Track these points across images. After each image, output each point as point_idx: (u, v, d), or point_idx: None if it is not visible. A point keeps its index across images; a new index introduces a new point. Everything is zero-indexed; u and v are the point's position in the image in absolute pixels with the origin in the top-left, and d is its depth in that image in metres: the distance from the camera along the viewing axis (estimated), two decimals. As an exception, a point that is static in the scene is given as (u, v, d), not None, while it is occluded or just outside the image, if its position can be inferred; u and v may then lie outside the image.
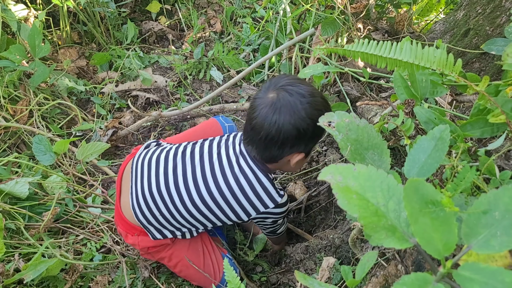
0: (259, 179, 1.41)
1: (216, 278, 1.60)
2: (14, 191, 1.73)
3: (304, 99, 1.27)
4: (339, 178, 0.69)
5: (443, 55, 1.02)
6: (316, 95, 1.31)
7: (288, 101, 1.26)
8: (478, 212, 0.61)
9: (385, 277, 1.05)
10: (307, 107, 1.26)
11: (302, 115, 1.25)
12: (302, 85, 1.31)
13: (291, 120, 1.24)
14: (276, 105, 1.26)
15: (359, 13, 2.16)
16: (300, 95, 1.27)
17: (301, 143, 1.31)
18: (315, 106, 1.28)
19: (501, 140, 1.00)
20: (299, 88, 1.29)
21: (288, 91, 1.28)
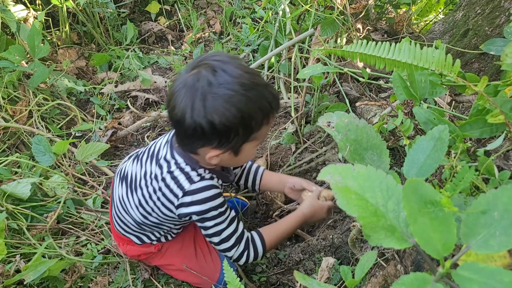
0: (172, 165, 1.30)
1: (214, 278, 1.59)
2: (16, 192, 1.73)
3: (217, 89, 1.08)
4: (338, 178, 0.69)
5: (442, 55, 1.02)
6: (235, 87, 1.09)
7: (197, 85, 1.09)
8: (477, 212, 0.61)
9: (385, 277, 1.06)
10: (214, 99, 1.07)
11: (204, 108, 1.08)
12: (228, 69, 1.10)
13: (190, 111, 1.09)
14: (185, 86, 1.10)
15: (359, 13, 2.17)
16: (216, 83, 1.08)
17: (209, 140, 1.15)
18: (228, 100, 1.08)
19: (500, 140, 1.00)
20: (224, 73, 1.09)
21: (208, 72, 1.09)
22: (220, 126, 1.09)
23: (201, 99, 1.07)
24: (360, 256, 1.00)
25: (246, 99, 1.09)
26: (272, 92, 1.18)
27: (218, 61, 1.11)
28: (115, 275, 1.67)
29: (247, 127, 1.15)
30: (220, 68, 1.10)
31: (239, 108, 1.09)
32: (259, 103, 1.13)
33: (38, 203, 1.82)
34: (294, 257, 1.75)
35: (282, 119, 2.37)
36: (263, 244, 1.46)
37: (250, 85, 1.11)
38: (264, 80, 1.20)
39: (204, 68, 1.10)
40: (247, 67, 1.15)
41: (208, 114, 1.08)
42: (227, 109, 1.07)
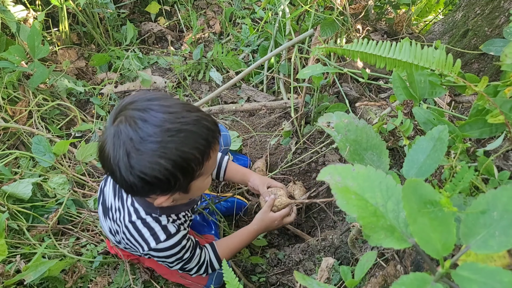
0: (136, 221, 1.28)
1: (204, 278, 1.60)
2: (17, 193, 1.73)
3: (139, 144, 0.99)
4: (338, 178, 0.69)
5: (442, 55, 1.02)
6: (159, 139, 1.00)
7: (119, 141, 1.01)
8: (477, 212, 0.61)
9: (384, 277, 1.06)
10: (139, 155, 1.00)
11: (130, 166, 1.01)
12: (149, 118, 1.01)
13: (119, 170, 1.02)
14: (110, 141, 1.03)
15: (358, 14, 2.17)
16: (137, 138, 1.00)
17: (149, 191, 1.11)
18: (153, 154, 1.00)
19: (499, 140, 1.00)
20: (145, 123, 1.00)
21: (127, 125, 1.01)
22: (154, 180, 1.03)
23: (126, 156, 1.00)
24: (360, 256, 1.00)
25: (175, 147, 1.02)
26: (206, 124, 1.09)
27: (137, 109, 1.02)
28: (115, 276, 1.67)
29: (187, 171, 1.08)
30: (139, 118, 1.01)
31: (169, 158, 1.01)
32: (193, 144, 1.05)
33: (39, 203, 1.82)
34: (294, 258, 1.75)
35: (282, 119, 2.37)
36: (218, 260, 1.52)
37: (177, 129, 1.02)
38: (195, 113, 1.08)
39: (123, 121, 1.02)
40: (172, 104, 1.05)
41: (136, 171, 1.01)
42: (155, 163, 1.00)
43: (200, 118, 1.08)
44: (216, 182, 2.21)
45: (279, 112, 2.38)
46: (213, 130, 1.11)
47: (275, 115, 2.38)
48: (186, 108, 1.07)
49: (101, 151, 1.06)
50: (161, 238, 1.27)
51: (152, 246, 1.27)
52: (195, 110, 1.09)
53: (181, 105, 1.07)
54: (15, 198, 1.75)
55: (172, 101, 1.07)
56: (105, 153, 1.04)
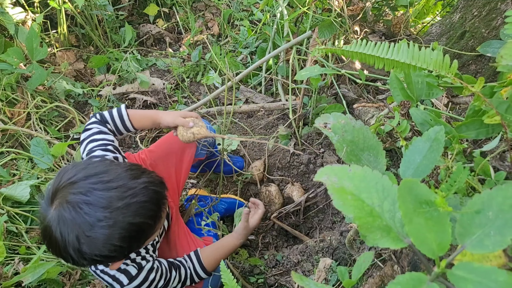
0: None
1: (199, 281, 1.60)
2: (15, 195, 1.73)
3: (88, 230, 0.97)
4: (334, 179, 0.69)
5: (440, 56, 1.02)
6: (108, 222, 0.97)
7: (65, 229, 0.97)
8: (472, 212, 0.62)
9: (381, 277, 1.06)
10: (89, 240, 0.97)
11: (81, 255, 0.99)
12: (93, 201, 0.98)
13: (71, 258, 1.00)
14: (54, 228, 0.99)
15: (356, 15, 2.17)
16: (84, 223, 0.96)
17: (104, 262, 1.13)
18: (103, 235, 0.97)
19: (496, 141, 1.00)
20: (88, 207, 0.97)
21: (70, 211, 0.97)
22: (109, 258, 1.02)
23: (76, 243, 0.97)
24: (358, 257, 1.00)
25: (128, 223, 0.99)
26: (154, 189, 1.07)
27: (79, 193, 0.98)
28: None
29: (140, 239, 1.07)
30: (84, 202, 0.97)
31: (123, 237, 0.99)
32: (145, 214, 1.04)
33: (37, 206, 1.82)
34: (292, 259, 1.75)
35: (280, 120, 2.37)
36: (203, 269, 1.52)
37: (126, 204, 0.99)
38: (141, 178, 1.05)
39: (64, 207, 0.98)
40: (113, 177, 1.02)
41: (88, 255, 0.99)
42: (109, 245, 0.98)
43: (148, 183, 1.05)
44: (215, 183, 2.21)
45: (277, 114, 2.39)
46: (161, 192, 1.10)
47: (273, 117, 2.38)
48: (131, 176, 1.04)
49: (47, 237, 1.01)
50: (124, 282, 1.26)
51: (125, 284, 1.27)
52: (139, 174, 1.06)
53: (125, 173, 1.04)
54: (13, 200, 1.75)
55: (113, 173, 1.03)
56: (52, 239, 1.00)
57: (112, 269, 1.18)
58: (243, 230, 1.62)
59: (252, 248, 2.00)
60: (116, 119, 1.46)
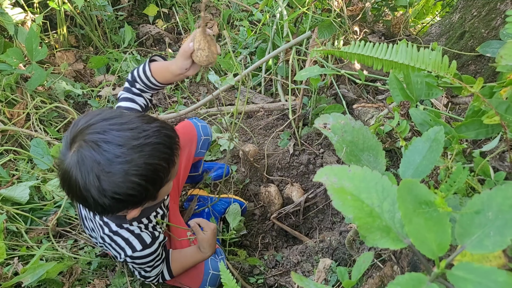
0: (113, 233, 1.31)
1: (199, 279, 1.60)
2: (14, 196, 1.73)
3: (108, 166, 1.00)
4: (334, 179, 0.69)
5: (438, 57, 1.02)
6: (127, 158, 1.00)
7: (84, 167, 1.00)
8: (472, 212, 0.62)
9: (381, 278, 1.06)
10: (110, 176, 1.00)
11: (103, 188, 1.01)
12: (111, 139, 1.01)
13: (91, 194, 1.02)
14: (72, 169, 1.02)
15: (356, 16, 2.17)
16: (104, 160, 1.00)
17: (122, 208, 1.11)
18: (125, 173, 1.01)
19: (495, 141, 1.01)
20: (107, 145, 1.00)
21: (90, 149, 1.00)
22: (128, 197, 1.05)
23: (97, 180, 1.00)
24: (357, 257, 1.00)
25: (144, 162, 1.03)
26: (167, 133, 1.11)
27: (96, 133, 1.02)
28: (112, 278, 1.67)
29: (156, 181, 1.10)
30: (102, 141, 1.01)
31: (140, 175, 1.03)
32: (159, 155, 1.07)
33: (37, 205, 1.82)
34: (292, 259, 1.75)
35: (280, 121, 2.37)
36: (169, 272, 1.54)
37: (142, 144, 1.03)
38: (154, 123, 1.09)
39: (83, 146, 1.01)
40: (129, 120, 1.06)
41: (109, 193, 1.02)
42: (129, 182, 1.02)
43: (160, 127, 1.09)
44: (213, 184, 2.21)
45: (277, 114, 2.39)
46: (173, 137, 1.13)
47: (273, 117, 2.38)
48: (144, 120, 1.08)
49: (66, 181, 1.04)
50: (137, 247, 1.30)
51: (129, 254, 1.30)
52: (152, 121, 1.10)
53: (138, 118, 1.08)
54: (13, 201, 1.75)
55: (128, 117, 1.07)
56: (72, 182, 1.02)
57: (129, 218, 1.19)
58: (212, 244, 1.56)
59: (251, 249, 2.00)
60: (142, 76, 1.42)
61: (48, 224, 1.70)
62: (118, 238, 1.30)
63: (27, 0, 2.52)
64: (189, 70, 1.31)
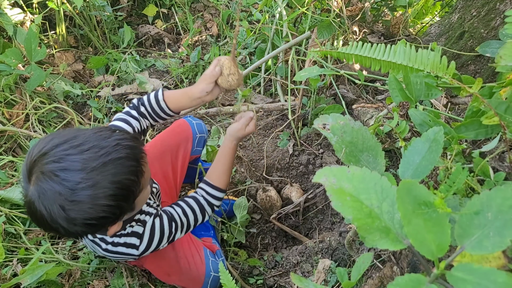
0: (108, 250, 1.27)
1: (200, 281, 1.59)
2: (13, 198, 1.73)
3: (70, 195, 0.95)
4: (333, 180, 0.69)
5: (437, 57, 1.02)
6: (89, 182, 0.96)
7: (46, 200, 0.96)
8: (471, 213, 0.62)
9: (381, 278, 1.06)
10: (74, 205, 0.96)
11: (70, 217, 0.97)
12: (68, 166, 0.96)
13: (61, 225, 0.98)
14: (35, 203, 0.97)
15: (355, 16, 2.17)
16: (64, 190, 0.95)
17: (98, 230, 1.09)
18: (89, 197, 0.96)
19: (495, 141, 1.00)
20: (64, 173, 0.95)
21: (47, 182, 0.96)
22: (101, 220, 1.01)
23: (62, 211, 0.96)
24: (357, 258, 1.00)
25: (109, 181, 0.98)
26: (128, 144, 1.05)
27: (51, 162, 0.97)
28: (111, 279, 1.67)
29: (128, 196, 1.06)
30: (58, 169, 0.96)
31: (109, 195, 0.99)
32: (124, 170, 1.02)
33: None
34: (291, 260, 1.75)
35: (279, 121, 2.37)
36: (219, 190, 1.46)
37: (102, 163, 0.98)
38: (111, 137, 1.03)
39: (41, 179, 0.96)
40: (83, 141, 1.00)
41: (79, 221, 0.98)
42: (97, 206, 0.98)
43: (119, 140, 1.04)
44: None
45: (277, 114, 2.38)
46: (135, 146, 1.08)
47: (272, 117, 2.38)
48: (101, 136, 1.02)
49: (33, 214, 1.00)
50: (136, 243, 1.27)
51: (139, 253, 1.28)
52: (110, 135, 1.04)
53: (94, 135, 1.02)
54: (11, 203, 1.75)
55: (82, 136, 1.01)
56: (38, 215, 0.98)
57: (110, 234, 1.14)
58: (236, 132, 1.46)
59: (251, 249, 2.00)
60: (152, 100, 1.42)
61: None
62: (118, 248, 1.26)
63: (26, 1, 2.51)
64: (209, 94, 1.36)
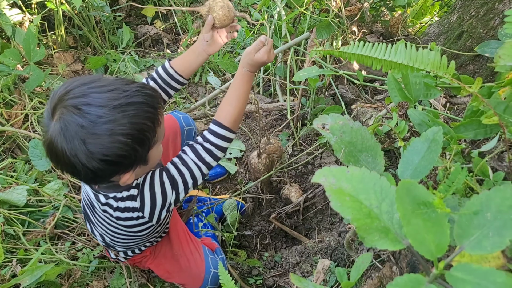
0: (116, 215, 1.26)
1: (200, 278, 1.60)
2: (11, 199, 1.73)
3: (93, 129, 0.99)
4: (332, 180, 0.69)
5: (437, 57, 1.02)
6: (112, 117, 1.00)
7: (69, 133, 0.99)
8: (470, 213, 0.62)
9: (380, 279, 1.06)
10: (96, 139, 0.99)
11: (91, 152, 1.00)
12: (92, 101, 1.00)
13: (79, 160, 1.01)
14: (58, 136, 1.00)
15: (354, 16, 2.17)
16: (88, 123, 0.99)
17: (113, 173, 1.10)
18: (111, 133, 1.00)
19: (494, 141, 1.00)
20: (89, 107, 0.99)
21: (72, 115, 0.99)
22: (117, 158, 1.04)
23: (82, 144, 0.99)
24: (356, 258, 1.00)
25: (128, 121, 1.02)
26: (148, 92, 1.10)
27: (75, 97, 1.01)
28: (111, 280, 1.67)
29: (143, 141, 1.09)
30: (82, 104, 1.00)
31: (127, 134, 1.02)
32: (143, 114, 1.06)
33: (35, 208, 1.81)
34: (290, 260, 1.75)
35: (278, 121, 2.37)
36: (228, 130, 1.32)
37: (124, 103, 1.02)
38: (133, 84, 1.09)
39: (65, 113, 1.00)
40: (108, 83, 1.05)
41: (97, 155, 1.01)
42: (115, 141, 1.01)
43: (140, 88, 1.08)
44: (211, 184, 2.21)
45: (276, 115, 2.38)
46: (155, 96, 1.13)
47: (271, 117, 2.38)
48: (123, 82, 1.07)
49: (53, 150, 1.03)
50: (136, 205, 1.24)
51: (147, 214, 1.25)
52: (132, 82, 1.09)
53: (117, 81, 1.07)
54: (10, 204, 1.75)
55: (106, 80, 1.06)
56: (57, 150, 1.01)
57: (122, 183, 1.14)
58: (245, 55, 1.35)
59: (250, 249, 2.00)
60: (160, 70, 1.48)
61: (46, 227, 1.70)
62: (125, 213, 1.24)
63: (25, 1, 2.51)
64: (211, 44, 1.40)
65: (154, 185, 1.24)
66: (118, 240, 1.41)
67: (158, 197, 1.24)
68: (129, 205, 1.24)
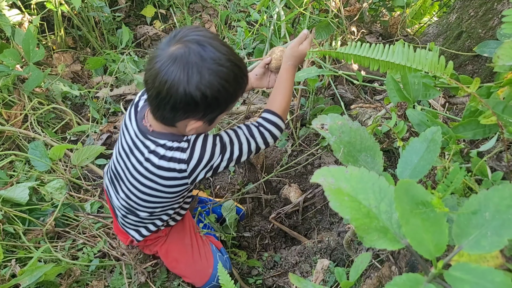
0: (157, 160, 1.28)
1: (207, 273, 1.60)
2: (14, 197, 1.73)
3: (211, 64, 1.10)
4: (331, 180, 0.69)
5: (435, 57, 1.02)
6: (226, 64, 1.13)
7: (189, 59, 1.09)
8: (469, 212, 0.62)
9: (379, 278, 1.06)
10: (210, 74, 1.10)
11: (200, 82, 1.10)
12: (215, 45, 1.13)
13: (186, 85, 1.09)
14: (175, 59, 1.10)
15: (353, 16, 2.17)
16: (209, 58, 1.11)
17: (196, 112, 1.17)
18: (221, 75, 1.12)
19: (493, 141, 1.01)
20: (212, 48, 1.12)
21: (197, 46, 1.11)
22: (211, 99, 1.13)
23: (198, 73, 1.09)
24: (355, 258, 1.00)
25: (233, 76, 1.15)
26: (245, 68, 1.23)
27: (201, 36, 1.13)
28: (111, 279, 1.67)
29: (229, 100, 1.21)
30: (207, 43, 1.12)
31: (230, 83, 1.14)
32: (241, 79, 1.20)
33: (35, 206, 1.82)
34: (290, 260, 1.75)
35: (278, 122, 2.37)
36: (280, 118, 1.41)
37: (234, 62, 1.15)
38: (237, 55, 1.22)
39: (191, 43, 1.11)
40: (224, 42, 1.18)
41: (203, 88, 1.10)
42: (221, 84, 1.12)
43: (242, 60, 1.21)
44: (210, 184, 2.21)
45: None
46: (247, 74, 1.25)
47: (271, 118, 2.38)
48: (233, 49, 1.20)
49: (158, 72, 1.11)
50: (183, 157, 1.26)
51: (191, 168, 1.27)
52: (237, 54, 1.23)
53: (230, 46, 1.20)
54: (12, 202, 1.75)
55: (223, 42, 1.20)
56: (168, 73, 1.09)
57: (190, 129, 1.21)
58: (290, 51, 1.43)
59: (250, 250, 2.00)
60: None
61: (47, 226, 1.70)
62: (170, 163, 1.26)
63: (24, 2, 2.51)
64: (258, 80, 1.54)
65: (206, 142, 1.29)
66: (144, 199, 1.39)
67: (207, 154, 1.28)
68: (177, 155, 1.27)
